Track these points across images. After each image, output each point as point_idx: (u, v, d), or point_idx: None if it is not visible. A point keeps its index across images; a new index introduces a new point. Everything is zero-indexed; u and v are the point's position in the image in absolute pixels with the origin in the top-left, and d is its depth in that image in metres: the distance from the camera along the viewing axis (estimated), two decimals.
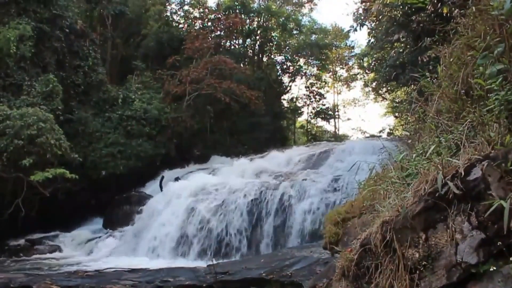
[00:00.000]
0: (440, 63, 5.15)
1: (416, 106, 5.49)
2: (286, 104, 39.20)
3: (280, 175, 17.52)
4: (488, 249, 2.90)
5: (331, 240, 5.72)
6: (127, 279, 9.53)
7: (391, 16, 15.92)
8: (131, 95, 23.52)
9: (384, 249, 3.40)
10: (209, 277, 9.13)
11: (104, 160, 21.04)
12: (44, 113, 16.84)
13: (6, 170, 15.97)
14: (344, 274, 3.79)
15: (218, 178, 18.45)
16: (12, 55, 17.65)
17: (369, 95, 43.77)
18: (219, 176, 19.34)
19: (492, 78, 3.53)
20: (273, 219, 14.63)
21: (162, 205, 16.56)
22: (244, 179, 17.29)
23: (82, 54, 22.07)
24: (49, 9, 20.07)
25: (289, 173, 17.66)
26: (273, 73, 36.82)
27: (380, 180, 4.75)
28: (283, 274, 8.56)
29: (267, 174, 18.29)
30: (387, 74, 18.27)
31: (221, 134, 29.45)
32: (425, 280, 3.13)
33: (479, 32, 4.16)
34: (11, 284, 9.53)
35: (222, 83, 25.28)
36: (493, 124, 3.49)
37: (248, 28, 34.28)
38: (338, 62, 43.23)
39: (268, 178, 17.43)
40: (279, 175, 17.60)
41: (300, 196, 14.91)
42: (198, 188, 16.77)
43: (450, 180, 3.10)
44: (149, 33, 29.09)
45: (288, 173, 17.70)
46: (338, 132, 44.70)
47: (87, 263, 14.01)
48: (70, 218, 18.68)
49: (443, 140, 3.94)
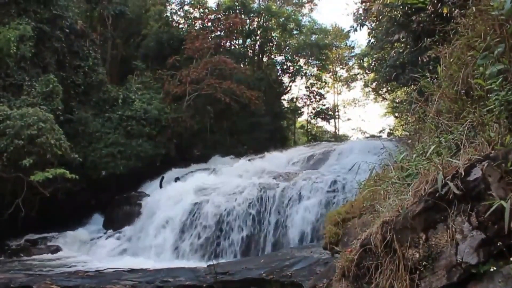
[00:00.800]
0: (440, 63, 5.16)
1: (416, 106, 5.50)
2: (286, 104, 39.18)
3: (280, 175, 17.50)
4: (488, 249, 2.90)
5: (331, 241, 5.72)
6: (127, 279, 9.55)
7: (391, 16, 15.92)
8: (131, 95, 23.50)
9: (384, 249, 3.40)
10: (209, 277, 9.13)
11: (104, 160, 21.02)
12: (44, 113, 16.83)
13: (6, 170, 15.96)
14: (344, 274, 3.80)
15: (218, 178, 18.45)
16: (12, 55, 17.64)
17: (369, 95, 43.77)
18: (219, 176, 19.33)
19: (492, 78, 3.53)
20: (273, 219, 14.62)
21: (162, 205, 16.56)
22: (244, 179, 17.28)
23: (82, 54, 22.06)
24: (49, 9, 20.05)
25: (289, 173, 17.65)
26: (273, 73, 36.79)
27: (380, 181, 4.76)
28: (283, 274, 8.57)
29: (267, 174, 18.27)
30: (387, 74, 18.27)
31: (221, 134, 29.44)
32: (425, 280, 3.13)
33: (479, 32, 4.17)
34: (11, 284, 9.55)
35: (222, 83, 25.26)
36: (493, 124, 3.49)
37: (248, 28, 34.27)
38: (338, 62, 43.21)
39: (268, 178, 17.42)
40: (279, 175, 17.59)
41: (300, 196, 14.91)
42: (198, 188, 16.78)
43: (450, 180, 3.10)
44: (149, 33, 29.08)
45: (288, 173, 17.69)
46: (338, 132, 44.70)
47: (87, 263, 14.00)
48: (70, 218, 18.66)
49: (443, 140, 3.95)
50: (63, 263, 14.18)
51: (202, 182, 17.38)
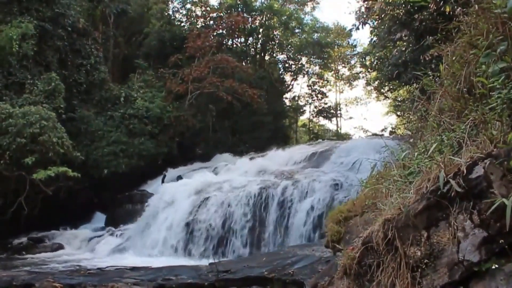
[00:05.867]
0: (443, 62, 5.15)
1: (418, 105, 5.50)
2: (288, 103, 39.21)
3: (282, 174, 17.50)
4: (490, 247, 2.89)
5: (333, 239, 5.72)
6: (129, 277, 9.57)
7: (393, 15, 15.89)
8: (133, 94, 23.54)
9: (386, 247, 3.40)
10: (211, 275, 9.15)
11: (106, 159, 21.06)
12: (47, 111, 16.87)
13: (9, 168, 16.01)
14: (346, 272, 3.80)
15: (220, 177, 18.46)
16: (14, 53, 17.69)
17: (371, 94, 43.70)
18: (221, 174, 19.34)
19: (494, 76, 3.53)
20: (275, 217, 14.62)
21: (164, 204, 16.57)
22: (246, 177, 17.29)
23: (84, 53, 22.09)
24: (51, 7, 20.10)
25: (291, 172, 17.65)
26: (275, 72, 36.79)
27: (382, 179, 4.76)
28: (285, 273, 8.57)
29: (269, 172, 18.28)
30: (389, 72, 18.23)
31: (223, 133, 29.44)
32: (427, 278, 3.13)
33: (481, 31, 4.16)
34: (14, 282, 9.58)
35: (224, 82, 25.28)
36: (496, 122, 3.48)
37: (250, 27, 34.26)
38: (340, 61, 43.19)
39: (270, 176, 17.43)
40: (281, 173, 17.59)
41: (302, 194, 14.90)
42: (200, 187, 16.78)
43: (452, 178, 3.10)
44: (151, 31, 29.11)
45: (290, 172, 17.69)
46: (340, 130, 44.70)
47: (89, 261, 14.04)
48: (72, 217, 18.72)
49: (445, 139, 3.94)
50: (65, 261, 14.21)
51: (204, 181, 17.38)
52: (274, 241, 14.19)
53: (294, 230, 14.05)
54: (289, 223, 14.30)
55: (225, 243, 14.45)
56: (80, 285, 9.08)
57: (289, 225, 14.27)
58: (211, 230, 14.67)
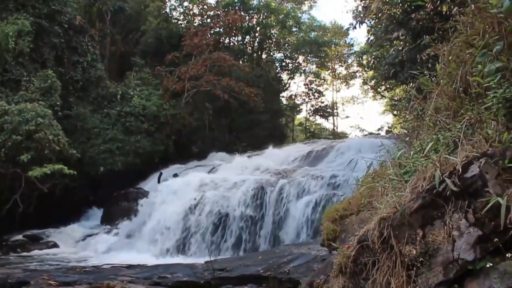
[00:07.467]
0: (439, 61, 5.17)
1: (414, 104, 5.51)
2: (285, 101, 39.24)
3: (278, 172, 17.52)
4: (485, 246, 2.91)
5: (328, 237, 5.73)
6: (124, 275, 9.55)
7: (390, 14, 15.92)
8: (130, 92, 23.47)
9: (381, 245, 3.40)
10: (206, 273, 9.14)
11: (102, 156, 21.00)
12: (43, 108, 16.80)
13: (4, 165, 15.95)
14: (341, 271, 3.80)
15: (217, 175, 18.46)
16: (10, 50, 17.61)
17: (368, 93, 43.85)
18: (218, 173, 19.34)
19: (490, 76, 3.54)
20: (271, 216, 14.64)
21: (160, 202, 16.56)
22: (243, 176, 17.29)
23: (81, 50, 22.00)
24: (48, 4, 20.01)
25: (288, 170, 17.67)
26: (272, 71, 36.76)
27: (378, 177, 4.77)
28: (280, 271, 8.58)
29: (266, 171, 18.29)
30: (386, 72, 18.26)
31: (219, 131, 29.40)
32: (422, 277, 3.14)
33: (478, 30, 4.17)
34: (9, 279, 9.54)
35: (221, 80, 25.23)
36: (491, 122, 3.50)
37: (247, 25, 34.19)
38: (337, 60, 43.27)
39: (266, 175, 17.44)
40: (278, 172, 17.60)
41: (298, 193, 14.92)
42: (196, 185, 16.77)
43: (448, 177, 3.11)
44: (148, 29, 28.99)
45: (287, 170, 17.70)
46: (337, 129, 44.81)
47: (84, 259, 14.02)
48: (68, 214, 18.68)
49: (441, 138, 3.96)
50: (61, 259, 14.19)
51: (200, 179, 17.36)
52: (270, 239, 14.21)
53: (290, 229, 14.07)
54: (285, 221, 14.33)
55: (221, 241, 14.46)
56: (76, 282, 9.05)
57: (285, 224, 14.29)
58: (207, 228, 14.68)
